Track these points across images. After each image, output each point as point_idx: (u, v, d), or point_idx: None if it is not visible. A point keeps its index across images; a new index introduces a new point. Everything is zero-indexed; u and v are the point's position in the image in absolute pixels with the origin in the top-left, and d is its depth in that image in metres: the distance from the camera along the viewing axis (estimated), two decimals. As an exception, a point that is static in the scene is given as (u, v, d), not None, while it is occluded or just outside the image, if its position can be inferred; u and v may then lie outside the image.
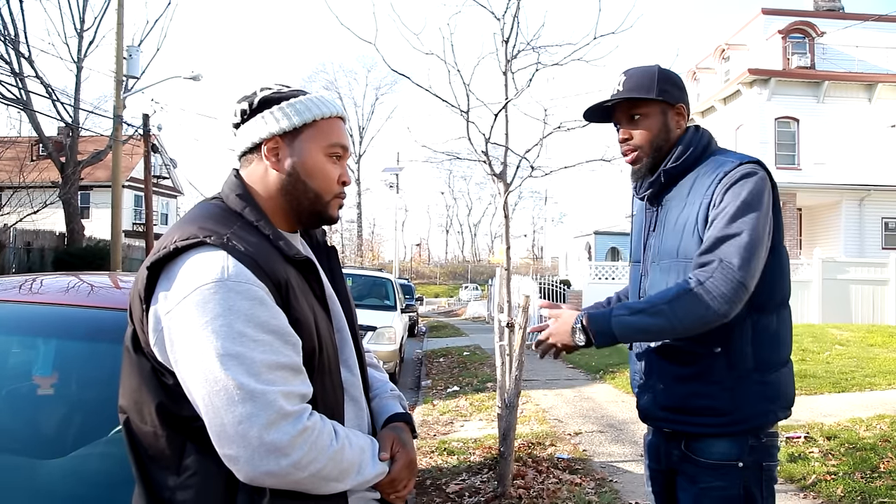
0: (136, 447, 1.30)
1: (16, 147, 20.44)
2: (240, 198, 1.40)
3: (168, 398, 1.27)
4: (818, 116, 21.14)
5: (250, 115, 1.43)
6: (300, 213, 1.46)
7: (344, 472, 1.30)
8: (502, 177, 4.74)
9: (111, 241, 16.97)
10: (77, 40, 19.31)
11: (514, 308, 4.78)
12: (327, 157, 1.45)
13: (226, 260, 1.25)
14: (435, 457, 5.62)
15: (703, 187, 1.82)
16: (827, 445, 5.50)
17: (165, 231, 1.37)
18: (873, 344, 11.82)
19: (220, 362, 1.18)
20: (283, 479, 1.22)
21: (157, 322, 1.26)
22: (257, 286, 1.25)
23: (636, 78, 1.91)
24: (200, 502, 1.25)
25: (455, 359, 13.14)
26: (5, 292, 2.26)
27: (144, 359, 1.29)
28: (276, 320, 1.26)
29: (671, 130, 1.92)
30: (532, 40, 4.81)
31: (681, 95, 1.94)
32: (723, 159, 1.86)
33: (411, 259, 76.42)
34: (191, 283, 1.23)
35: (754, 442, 1.81)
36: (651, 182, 1.94)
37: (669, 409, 1.89)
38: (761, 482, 1.81)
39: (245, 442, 1.18)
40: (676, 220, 1.87)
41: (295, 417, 1.22)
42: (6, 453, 1.89)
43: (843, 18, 22.39)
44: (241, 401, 1.18)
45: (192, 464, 1.26)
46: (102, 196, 28.66)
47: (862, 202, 20.51)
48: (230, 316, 1.20)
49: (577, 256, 32.81)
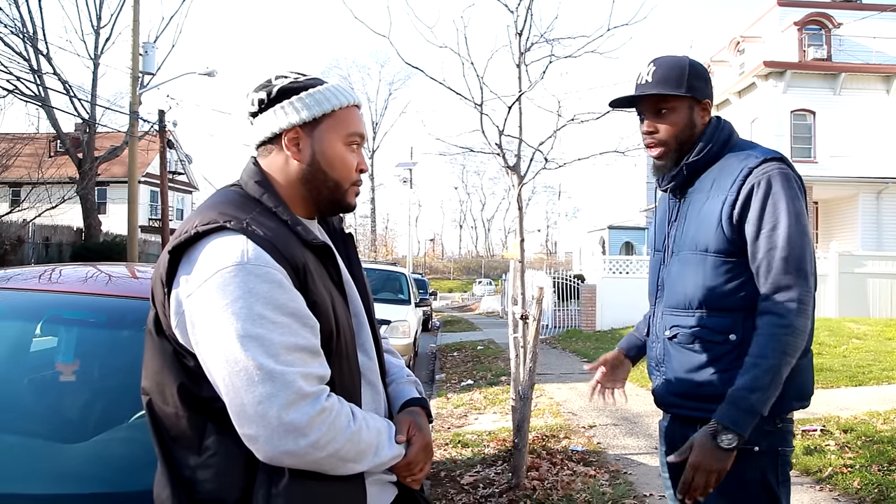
0: (159, 428, 1.33)
1: (34, 143, 20.66)
2: (258, 185, 1.42)
3: (189, 379, 1.30)
4: (835, 109, 20.90)
5: (268, 105, 1.43)
6: (320, 201, 1.48)
7: (361, 454, 1.32)
8: (516, 169, 4.74)
9: (128, 236, 17.12)
10: (94, 37, 19.57)
11: (528, 301, 4.79)
12: (346, 146, 1.47)
13: (245, 244, 1.27)
14: (449, 449, 5.65)
15: (727, 181, 1.82)
16: (843, 438, 5.47)
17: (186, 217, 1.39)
18: (891, 338, 11.71)
19: (240, 343, 1.20)
20: (302, 459, 1.24)
21: (179, 305, 1.28)
22: (276, 269, 1.27)
23: (665, 70, 1.89)
24: (221, 482, 1.27)
25: (469, 353, 13.17)
26: (26, 282, 2.31)
27: (166, 341, 1.32)
28: (294, 303, 1.28)
29: (696, 125, 1.92)
30: (545, 32, 4.80)
31: (708, 90, 1.94)
32: (746, 153, 1.86)
33: (425, 254, 76.56)
34: (211, 266, 1.25)
35: (770, 427, 1.80)
36: (674, 175, 1.95)
37: (683, 396, 1.91)
38: (777, 467, 1.82)
39: (264, 422, 1.20)
40: (699, 212, 1.88)
41: (314, 398, 1.24)
42: (30, 437, 1.93)
43: (859, 9, 22.10)
44: (260, 381, 1.20)
45: (213, 444, 1.28)
46: (119, 191, 28.88)
47: (879, 195, 20.28)
48: (250, 298, 1.23)
49: (591, 251, 32.67)
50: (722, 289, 1.82)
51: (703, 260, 1.84)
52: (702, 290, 1.84)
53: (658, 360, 2.00)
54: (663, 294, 1.98)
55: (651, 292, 2.08)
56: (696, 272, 1.86)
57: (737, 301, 1.81)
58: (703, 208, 1.87)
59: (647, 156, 2.05)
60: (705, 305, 1.84)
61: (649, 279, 2.12)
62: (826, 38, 21.79)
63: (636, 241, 31.39)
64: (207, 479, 1.28)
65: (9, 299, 2.23)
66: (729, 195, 1.80)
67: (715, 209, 1.82)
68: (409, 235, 43.30)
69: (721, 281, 1.82)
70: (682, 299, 1.90)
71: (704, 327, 1.85)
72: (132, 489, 1.63)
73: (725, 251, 1.81)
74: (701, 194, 1.90)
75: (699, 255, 1.85)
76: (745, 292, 1.80)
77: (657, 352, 2.00)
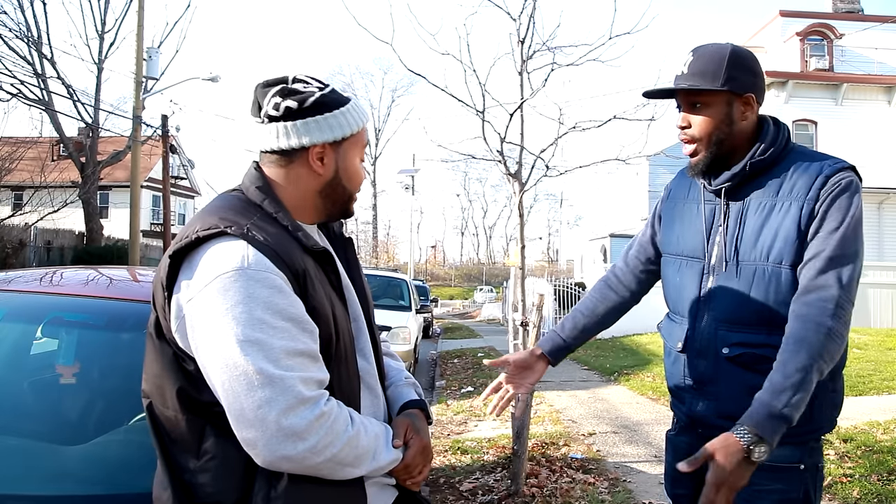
0: (159, 430, 1.34)
1: (37, 147, 20.69)
2: (259, 190, 1.42)
3: (188, 383, 1.30)
4: (837, 119, 20.94)
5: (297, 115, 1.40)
6: (332, 211, 1.52)
7: (359, 458, 1.33)
8: (517, 176, 4.75)
9: (129, 241, 17.15)
10: (98, 42, 19.64)
11: (529, 307, 4.79)
12: (359, 161, 1.52)
13: (246, 249, 1.28)
14: (448, 456, 5.64)
15: (802, 188, 1.68)
16: (843, 448, 5.46)
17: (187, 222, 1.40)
18: (891, 348, 11.69)
19: (240, 348, 1.21)
20: (300, 464, 1.25)
21: (179, 310, 1.29)
22: (276, 275, 1.28)
23: (703, 61, 1.74)
24: (219, 485, 1.28)
25: (469, 360, 13.14)
26: (28, 284, 2.32)
27: (167, 345, 1.33)
28: (294, 308, 1.28)
29: (735, 122, 1.75)
30: (548, 40, 4.81)
31: (752, 82, 1.75)
32: (816, 159, 1.73)
33: (426, 261, 76.46)
34: (212, 271, 1.26)
35: (814, 444, 1.75)
36: (734, 174, 1.77)
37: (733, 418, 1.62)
38: (816, 483, 1.75)
39: (263, 426, 1.21)
40: (763, 220, 1.73)
41: (312, 403, 1.25)
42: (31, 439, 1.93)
43: (861, 20, 22.15)
44: (260, 385, 1.21)
45: (212, 448, 1.29)
46: (121, 196, 28.96)
47: (881, 205, 20.29)
48: (250, 303, 1.23)
49: (593, 259, 32.68)
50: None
51: (777, 273, 1.69)
52: (775, 305, 1.69)
53: (703, 378, 1.81)
54: (711, 306, 1.80)
55: (683, 303, 1.89)
56: (767, 285, 1.70)
57: None
58: (772, 215, 1.71)
59: (649, 164, 2.00)
60: (776, 322, 1.67)
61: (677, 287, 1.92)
62: (828, 48, 21.85)
63: (637, 250, 31.28)
64: (206, 483, 1.28)
65: (10, 301, 2.24)
66: (806, 203, 1.66)
67: (790, 218, 1.68)
68: (410, 242, 43.26)
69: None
70: (747, 315, 1.73)
71: (774, 347, 1.64)
72: (132, 491, 1.63)
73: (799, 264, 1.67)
74: (765, 199, 1.74)
75: (772, 268, 1.69)
76: None
77: (702, 369, 1.80)
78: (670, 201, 2.00)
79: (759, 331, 1.72)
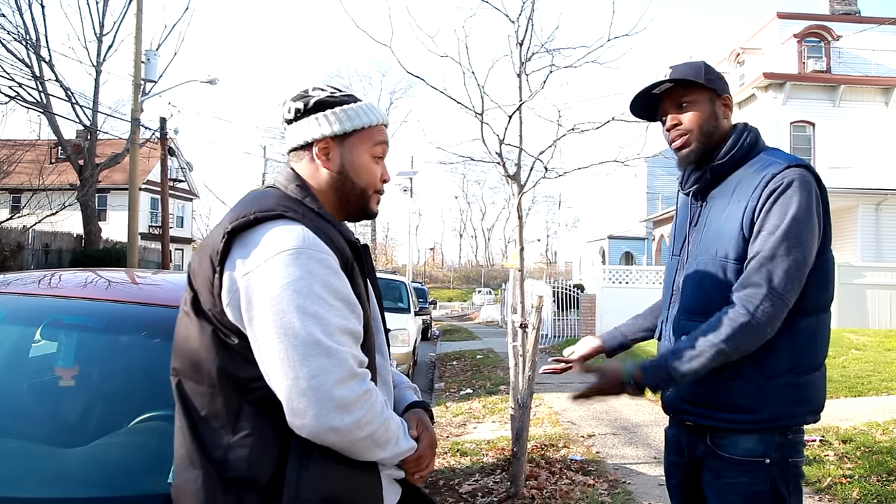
0: (189, 408, 1.37)
1: (35, 150, 20.68)
2: (300, 188, 1.51)
3: (229, 360, 1.34)
4: (834, 121, 20.96)
5: (304, 115, 1.53)
6: (347, 207, 1.58)
7: (388, 440, 1.39)
8: (516, 178, 4.75)
9: (128, 244, 17.12)
10: (96, 45, 19.59)
11: (528, 309, 4.79)
12: (371, 157, 1.57)
13: (304, 231, 1.36)
14: (448, 458, 5.64)
15: (749, 187, 1.79)
16: (843, 449, 5.47)
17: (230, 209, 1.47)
18: (890, 349, 11.70)
19: (300, 318, 1.28)
20: (344, 437, 1.30)
21: (233, 283, 1.33)
22: (331, 257, 1.36)
23: (683, 68, 1.91)
24: (254, 462, 1.31)
25: (468, 362, 13.15)
26: (26, 287, 2.31)
27: (206, 322, 1.37)
28: (346, 290, 1.37)
29: (720, 119, 1.91)
30: (546, 42, 4.82)
31: (726, 88, 1.94)
32: (770, 159, 1.83)
33: (425, 263, 76.51)
34: (272, 248, 1.32)
35: (781, 439, 1.79)
36: (697, 178, 1.93)
37: (694, 403, 1.89)
38: (787, 478, 1.80)
39: (317, 395, 1.26)
40: (719, 217, 1.86)
41: (361, 378, 1.32)
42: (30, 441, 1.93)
43: (859, 22, 22.20)
44: (317, 355, 1.27)
45: (248, 425, 1.33)
46: (119, 198, 28.94)
47: (879, 206, 20.29)
48: (310, 279, 1.30)
49: (591, 261, 32.69)
50: None
51: (723, 267, 1.81)
52: (720, 297, 1.80)
53: None
54: (678, 298, 1.96)
55: (665, 296, 2.05)
56: (714, 279, 1.83)
57: None
58: (724, 214, 1.84)
59: (647, 166, 2.05)
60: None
61: (664, 282, 2.08)
62: (825, 50, 21.88)
63: (636, 252, 31.39)
64: (241, 459, 1.31)
65: (9, 304, 2.24)
66: (750, 201, 1.77)
67: (736, 215, 1.80)
68: (409, 244, 43.33)
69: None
70: (698, 305, 1.86)
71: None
72: (131, 493, 1.63)
73: (745, 258, 1.78)
74: (723, 199, 1.87)
75: (719, 262, 1.82)
76: None
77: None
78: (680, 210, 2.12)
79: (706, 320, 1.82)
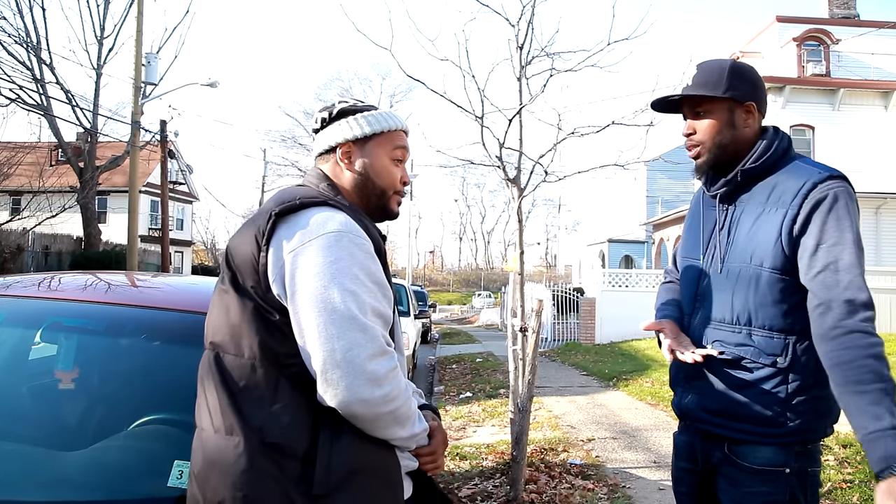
0: (228, 380, 1.43)
1: (36, 152, 20.67)
2: (330, 187, 1.63)
3: (269, 334, 1.43)
4: (834, 124, 20.97)
5: (329, 123, 1.67)
6: (369, 207, 1.68)
7: (408, 419, 1.47)
8: (516, 182, 4.75)
9: (128, 246, 17.10)
10: (97, 47, 19.63)
11: (528, 313, 4.79)
12: (391, 160, 1.69)
13: (346, 217, 1.48)
14: (447, 461, 5.63)
15: (788, 195, 1.75)
16: (843, 454, 5.46)
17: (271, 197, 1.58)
18: (891, 353, 11.67)
19: (340, 295, 1.38)
20: (372, 409, 1.38)
21: (279, 260, 1.43)
22: (369, 242, 1.49)
23: (706, 73, 1.86)
24: (293, 430, 1.38)
25: (468, 365, 13.14)
26: (26, 289, 2.31)
27: (248, 298, 1.46)
28: (380, 274, 1.49)
29: (737, 129, 1.85)
30: (546, 46, 4.83)
31: (752, 93, 1.86)
32: (808, 168, 1.79)
33: (424, 266, 76.50)
34: (316, 229, 1.44)
35: (800, 448, 1.77)
36: (727, 181, 1.87)
37: (714, 413, 1.84)
38: (806, 487, 1.77)
39: (351, 367, 1.34)
40: (754, 223, 1.80)
41: (391, 355, 1.42)
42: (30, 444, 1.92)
43: (858, 26, 22.23)
44: (353, 329, 1.36)
45: (286, 397, 1.40)
46: (119, 201, 28.91)
47: (878, 210, 20.31)
48: (350, 260, 1.42)
49: (591, 264, 32.68)
50: (775, 308, 1.75)
51: (758, 275, 1.76)
52: (753, 306, 1.77)
53: (691, 373, 1.89)
54: (703, 305, 1.90)
55: (686, 301, 1.98)
56: (748, 287, 1.78)
57: (788, 323, 1.75)
58: (759, 220, 1.79)
59: (647, 170, 2.04)
60: (755, 323, 1.77)
61: (683, 288, 2.02)
62: (825, 53, 21.91)
63: (636, 255, 31.40)
64: (282, 425, 1.38)
65: (9, 306, 2.24)
66: (790, 209, 1.73)
67: (774, 222, 1.75)
68: (408, 247, 43.33)
69: (775, 299, 1.75)
70: (729, 314, 1.82)
71: (751, 346, 1.77)
72: (130, 497, 1.63)
73: (782, 268, 1.73)
74: (756, 205, 1.82)
75: (753, 269, 1.77)
76: (797, 315, 1.73)
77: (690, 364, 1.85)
78: (690, 210, 2.09)
79: (739, 330, 1.80)
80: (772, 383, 1.75)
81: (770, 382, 1.75)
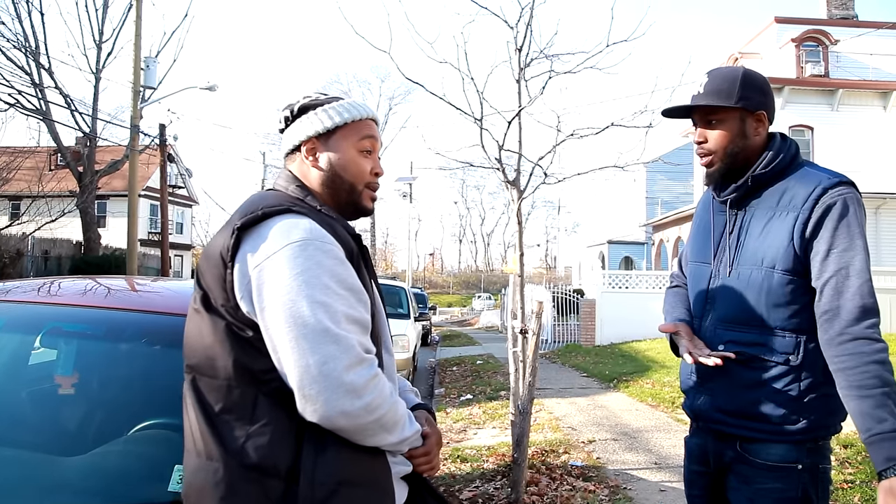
0: (205, 403, 1.39)
1: (35, 157, 20.66)
2: (300, 188, 1.56)
3: (243, 352, 1.38)
4: (832, 125, 21.00)
5: (292, 121, 1.60)
6: (339, 204, 1.60)
7: (395, 424, 1.42)
8: (516, 184, 4.75)
9: (127, 250, 17.10)
10: (96, 52, 19.64)
11: (528, 315, 4.79)
12: (359, 152, 1.60)
13: (311, 224, 1.41)
14: (448, 464, 5.62)
15: (798, 199, 1.80)
16: (843, 454, 5.46)
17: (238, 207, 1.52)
18: (891, 353, 11.68)
19: (309, 307, 1.32)
20: (354, 421, 1.33)
21: (244, 276, 1.38)
22: (338, 247, 1.42)
23: (718, 81, 1.88)
24: (274, 448, 1.34)
25: (468, 367, 13.13)
26: (26, 294, 2.31)
27: (218, 317, 1.40)
28: (352, 279, 1.42)
29: (748, 137, 1.89)
30: (545, 48, 4.82)
31: (763, 101, 1.89)
32: (817, 173, 1.84)
33: (424, 268, 76.45)
34: (280, 240, 1.37)
35: (812, 445, 1.81)
36: (738, 186, 1.91)
37: (728, 413, 1.87)
38: (817, 484, 1.81)
39: (327, 381, 1.30)
40: (764, 227, 1.85)
41: (369, 363, 1.37)
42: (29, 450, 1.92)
43: (856, 26, 22.27)
44: (326, 342, 1.31)
45: (265, 414, 1.36)
46: (119, 205, 28.89)
47: (877, 210, 20.33)
48: (318, 269, 1.35)
49: (591, 266, 32.70)
50: (786, 308, 1.80)
51: (769, 276, 1.80)
52: (765, 307, 1.81)
53: (703, 374, 1.92)
54: (714, 307, 1.93)
55: (696, 305, 2.00)
56: (759, 288, 1.82)
57: (799, 322, 1.79)
58: (770, 224, 1.84)
59: (646, 171, 2.04)
60: (767, 323, 1.81)
61: (690, 290, 2.06)
62: (823, 54, 21.94)
63: (635, 256, 31.44)
64: (261, 446, 1.34)
65: (8, 312, 2.23)
66: (802, 213, 1.77)
67: (786, 226, 1.79)
68: (408, 250, 43.32)
69: (786, 300, 1.79)
70: (741, 315, 1.85)
71: (764, 346, 1.81)
72: (131, 502, 1.63)
73: (793, 270, 1.78)
74: (766, 209, 1.86)
75: (764, 271, 1.81)
76: (807, 314, 1.78)
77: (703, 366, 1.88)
78: (697, 214, 2.11)
79: (751, 330, 1.83)
80: (784, 381, 1.79)
81: (783, 381, 1.79)
